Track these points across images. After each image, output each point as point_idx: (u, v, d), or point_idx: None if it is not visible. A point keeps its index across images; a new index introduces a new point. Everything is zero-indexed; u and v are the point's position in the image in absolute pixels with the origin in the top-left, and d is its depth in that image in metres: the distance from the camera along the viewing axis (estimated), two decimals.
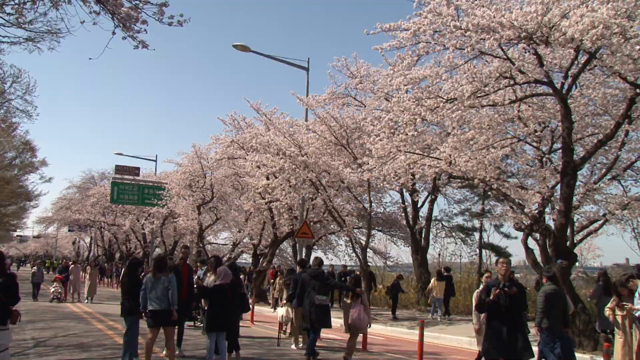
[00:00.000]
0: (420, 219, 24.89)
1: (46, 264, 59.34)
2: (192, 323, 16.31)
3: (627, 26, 9.98)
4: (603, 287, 13.45)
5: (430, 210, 25.27)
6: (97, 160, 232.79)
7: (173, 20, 9.25)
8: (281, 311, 14.55)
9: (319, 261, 13.29)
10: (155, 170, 43.21)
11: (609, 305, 10.82)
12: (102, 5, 9.19)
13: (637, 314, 10.83)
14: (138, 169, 40.81)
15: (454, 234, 29.92)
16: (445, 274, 21.58)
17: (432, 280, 21.12)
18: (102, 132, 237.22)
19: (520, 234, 15.74)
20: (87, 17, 9.05)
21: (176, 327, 11.39)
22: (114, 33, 9.26)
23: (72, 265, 28.10)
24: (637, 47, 10.11)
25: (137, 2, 9.23)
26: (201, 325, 14.98)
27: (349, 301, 13.08)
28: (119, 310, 10.82)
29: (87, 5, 9.06)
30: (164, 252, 38.51)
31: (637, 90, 12.07)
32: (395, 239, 30.23)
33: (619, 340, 10.18)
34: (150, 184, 37.35)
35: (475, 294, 10.71)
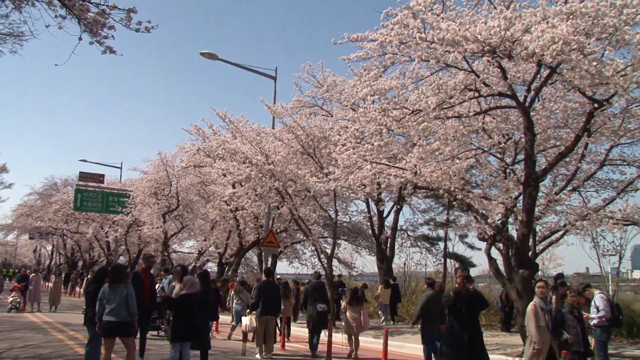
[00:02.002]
0: (386, 228, 25.03)
1: (2, 273, 57.93)
2: (155, 333, 16.13)
3: (585, 43, 10.23)
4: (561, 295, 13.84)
5: (396, 219, 25.44)
6: (60, 166, 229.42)
7: (141, 26, 9.16)
8: (245, 320, 14.48)
9: (318, 275, 16.54)
10: (120, 178, 42.80)
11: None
12: (68, 9, 9.05)
13: (592, 322, 11.11)
14: (102, 176, 40.36)
15: (419, 243, 30.19)
16: (392, 282, 23.29)
17: (380, 288, 23.09)
18: (66, 138, 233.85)
19: (484, 244, 15.94)
20: (52, 21, 8.93)
21: (137, 337, 11.28)
22: (80, 38, 9.13)
23: (33, 274, 27.55)
24: (595, 63, 10.37)
25: (105, 7, 9.12)
26: (164, 335, 14.84)
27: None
28: (80, 320, 10.68)
29: (52, 9, 8.92)
30: (119, 262, 38.05)
31: (595, 105, 12.36)
32: (360, 248, 30.45)
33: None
34: (114, 191, 36.96)
35: (530, 308, 9.88)
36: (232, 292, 18.70)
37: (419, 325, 13.08)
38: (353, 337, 14.65)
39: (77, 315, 22.09)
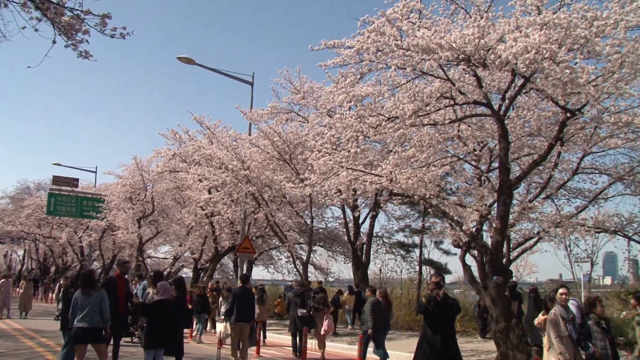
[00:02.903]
0: (362, 234, 25.03)
1: None
2: (129, 339, 15.96)
3: (557, 52, 10.38)
4: (534, 302, 14.09)
5: (372, 226, 25.44)
6: (33, 170, 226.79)
7: (116, 32, 9.07)
8: (220, 327, 14.41)
9: (301, 283, 18.35)
10: (95, 182, 42.38)
11: (538, 318, 11.27)
12: (42, 12, 8.95)
13: None
14: (77, 180, 39.92)
15: (394, 250, 30.22)
16: (356, 289, 23.62)
17: (345, 294, 23.72)
18: (40, 141, 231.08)
19: (459, 251, 16.05)
20: (27, 23, 8.82)
21: (111, 343, 11.16)
22: (54, 42, 9.02)
23: (2, 280, 27.06)
24: (567, 72, 10.52)
25: (79, 12, 9.03)
26: (138, 341, 14.69)
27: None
28: (52, 326, 10.53)
29: (26, 11, 8.82)
30: (92, 268, 37.66)
31: (568, 114, 12.53)
32: (336, 254, 30.42)
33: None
34: (89, 195, 36.57)
35: (551, 316, 9.35)
36: (221, 298, 18.71)
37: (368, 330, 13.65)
38: (318, 340, 15.54)
39: (49, 321, 21.75)
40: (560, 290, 9.74)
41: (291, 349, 16.21)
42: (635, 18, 10.71)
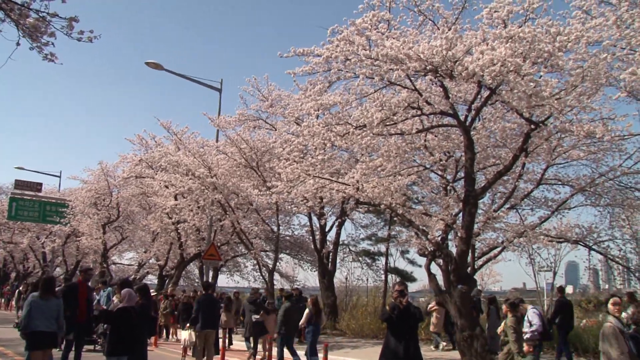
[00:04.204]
0: (328, 242, 25.05)
1: None
2: (92, 347, 15.71)
3: (521, 65, 10.56)
4: (496, 311, 14.43)
5: (338, 234, 25.49)
6: None
7: (83, 36, 8.92)
8: (184, 334, 14.27)
9: (256, 290, 18.08)
10: (59, 187, 41.66)
11: (501, 327, 11.54)
12: (5, 13, 8.77)
13: (525, 336, 11.43)
14: (40, 184, 39.23)
15: (360, 258, 30.29)
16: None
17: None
18: (2, 144, 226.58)
19: (425, 260, 16.15)
20: None
21: (72, 350, 11.01)
22: (18, 44, 8.85)
23: None
24: (532, 85, 10.71)
25: (45, 14, 8.87)
26: (101, 349, 14.47)
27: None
28: (11, 334, 10.31)
29: None
30: (63, 274, 37.04)
31: (532, 126, 12.74)
32: (302, 262, 30.38)
33: None
34: (52, 200, 35.96)
35: (609, 330, 8.17)
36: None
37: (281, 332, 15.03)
38: (267, 343, 16.11)
39: (8, 329, 21.25)
40: (612, 301, 8.64)
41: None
42: (596, 34, 10.98)
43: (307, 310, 15.78)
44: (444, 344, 17.98)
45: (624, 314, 10.46)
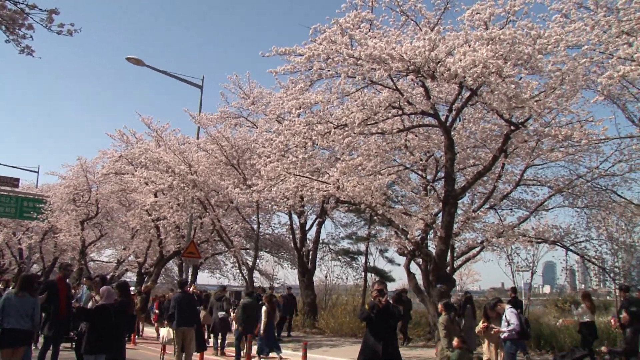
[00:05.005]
0: (308, 241, 25.04)
1: None
2: (69, 344, 15.57)
3: (503, 67, 10.66)
4: (472, 310, 14.66)
5: (318, 233, 25.48)
6: None
7: (63, 29, 8.75)
8: (163, 332, 14.19)
9: (223, 288, 18.89)
10: (37, 182, 41.09)
11: (479, 327, 11.66)
12: None
13: (503, 336, 11.54)
14: (17, 179, 38.68)
15: (340, 257, 30.33)
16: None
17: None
18: None
19: (404, 259, 16.25)
20: None
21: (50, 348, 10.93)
22: None
23: None
24: (512, 87, 10.82)
25: (24, 5, 8.70)
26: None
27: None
28: None
29: None
30: (40, 271, 36.64)
31: (512, 127, 12.86)
32: (282, 260, 30.33)
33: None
34: (30, 196, 35.45)
35: None
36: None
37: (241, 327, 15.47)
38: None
39: None
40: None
41: (234, 351, 16.22)
42: (575, 38, 11.11)
43: (263, 308, 16.13)
44: None
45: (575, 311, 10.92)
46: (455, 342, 11.40)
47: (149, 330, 22.95)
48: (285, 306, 21.49)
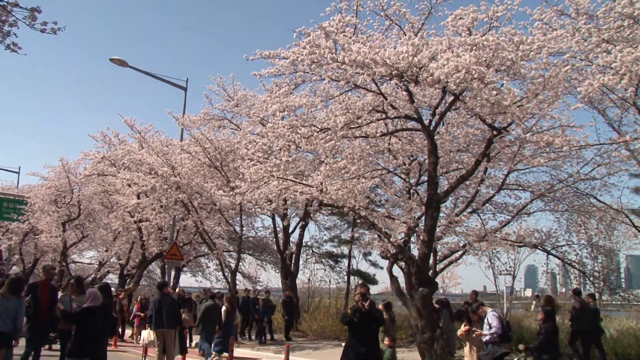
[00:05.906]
0: (291, 244, 25.05)
1: None
2: (47, 347, 15.44)
3: (485, 73, 10.74)
4: (449, 313, 14.92)
5: (301, 235, 25.49)
6: None
7: (46, 27, 8.67)
8: (145, 334, 14.15)
9: (182, 291, 19.36)
10: (18, 183, 40.71)
11: (461, 330, 11.78)
12: None
13: (485, 339, 11.65)
14: None
15: (323, 260, 30.33)
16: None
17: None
18: None
19: (387, 262, 16.28)
20: None
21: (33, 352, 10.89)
22: None
23: None
24: (495, 93, 10.91)
25: (5, 3, 8.62)
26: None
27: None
28: None
29: None
30: (20, 273, 36.25)
31: (495, 132, 12.96)
32: (265, 263, 30.30)
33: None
34: (10, 197, 35.08)
35: None
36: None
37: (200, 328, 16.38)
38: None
39: None
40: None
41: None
42: (557, 45, 11.23)
43: (223, 308, 16.73)
44: None
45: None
46: (386, 341, 11.96)
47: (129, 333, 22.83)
48: (265, 309, 21.58)
